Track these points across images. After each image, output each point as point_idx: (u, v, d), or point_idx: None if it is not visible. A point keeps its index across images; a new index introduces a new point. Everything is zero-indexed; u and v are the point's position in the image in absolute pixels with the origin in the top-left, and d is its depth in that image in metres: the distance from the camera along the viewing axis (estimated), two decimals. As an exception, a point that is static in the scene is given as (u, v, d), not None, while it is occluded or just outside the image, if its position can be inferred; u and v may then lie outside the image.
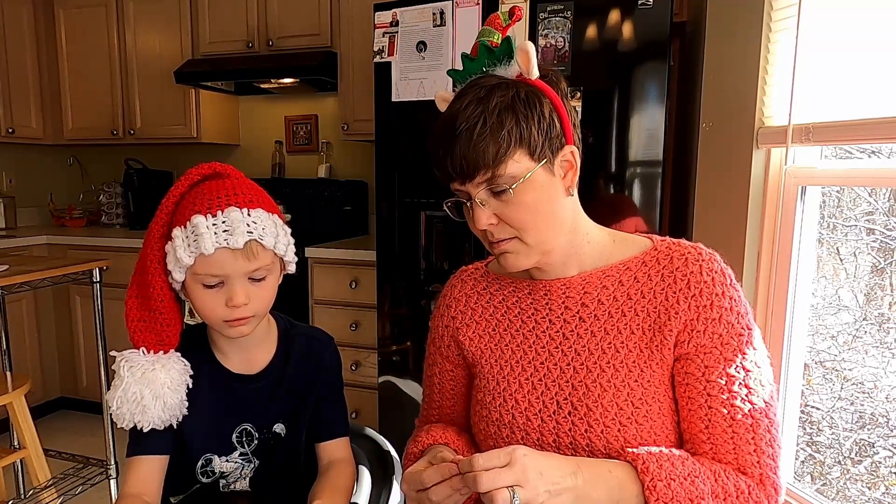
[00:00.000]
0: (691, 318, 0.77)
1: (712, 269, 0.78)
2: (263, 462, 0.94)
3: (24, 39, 3.14)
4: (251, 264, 0.82)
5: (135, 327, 0.85)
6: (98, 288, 2.09)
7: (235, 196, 0.83)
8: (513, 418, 0.84)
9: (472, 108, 0.74)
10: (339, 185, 3.04)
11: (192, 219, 0.80)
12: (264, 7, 2.77)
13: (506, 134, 0.73)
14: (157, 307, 0.84)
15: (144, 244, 0.85)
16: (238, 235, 0.80)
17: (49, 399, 3.11)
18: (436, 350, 0.98)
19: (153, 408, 0.83)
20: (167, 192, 0.85)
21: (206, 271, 0.81)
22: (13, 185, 3.43)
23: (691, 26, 1.97)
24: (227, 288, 0.83)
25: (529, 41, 0.77)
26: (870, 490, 1.55)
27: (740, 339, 0.77)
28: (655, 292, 0.79)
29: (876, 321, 1.59)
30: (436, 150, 0.78)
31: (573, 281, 0.84)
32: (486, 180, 0.75)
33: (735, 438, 0.76)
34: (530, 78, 0.77)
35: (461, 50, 1.91)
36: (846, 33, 1.34)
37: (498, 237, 0.79)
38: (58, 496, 2.10)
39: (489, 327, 0.90)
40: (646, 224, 1.80)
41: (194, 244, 0.80)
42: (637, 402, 0.78)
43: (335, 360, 1.00)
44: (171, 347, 0.87)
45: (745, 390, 0.76)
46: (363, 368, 2.46)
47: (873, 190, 1.56)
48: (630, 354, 0.79)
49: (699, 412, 0.77)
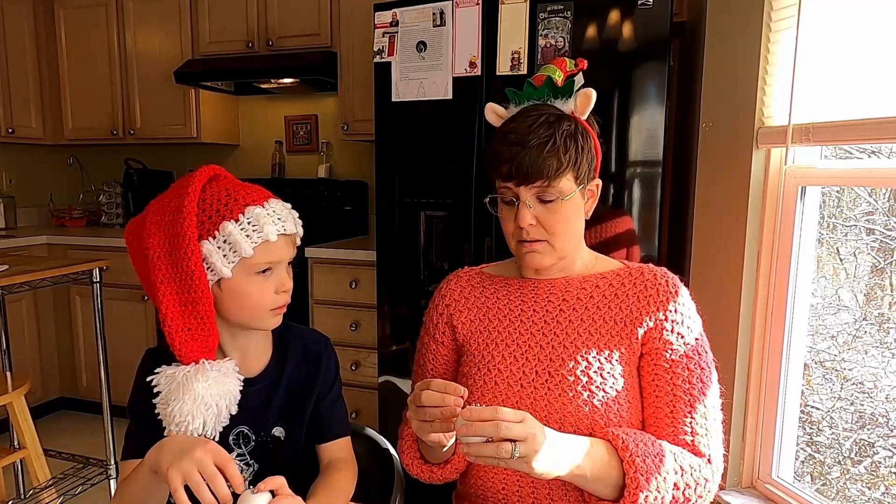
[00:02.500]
0: (660, 319, 0.92)
1: (675, 283, 0.96)
2: (263, 465, 0.94)
3: (24, 39, 3.14)
4: (294, 250, 0.90)
5: (182, 338, 0.83)
6: (98, 288, 2.09)
7: (258, 191, 0.88)
8: (495, 385, 0.95)
9: (544, 129, 0.89)
10: (339, 185, 3.04)
11: (247, 209, 0.83)
12: (264, 7, 2.77)
13: (567, 156, 0.90)
14: (206, 311, 0.83)
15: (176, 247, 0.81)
16: (290, 222, 0.87)
17: (49, 399, 3.11)
18: (430, 339, 1.08)
19: (225, 413, 0.85)
20: (178, 196, 0.83)
21: (264, 259, 0.84)
22: (13, 185, 3.43)
23: (691, 26, 1.97)
24: (276, 275, 0.87)
25: (592, 89, 0.95)
26: (870, 490, 1.55)
27: (697, 342, 0.93)
28: (628, 295, 0.95)
29: (876, 321, 1.59)
30: (499, 152, 0.91)
31: (557, 282, 0.99)
32: (541, 188, 0.90)
33: (692, 423, 0.91)
34: (581, 117, 0.95)
35: (461, 50, 1.91)
36: (846, 33, 1.34)
37: (532, 237, 0.93)
38: (58, 496, 2.10)
39: (480, 313, 1.02)
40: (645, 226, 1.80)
41: (256, 233, 0.82)
42: (606, 375, 0.91)
43: (333, 361, 1.00)
44: (215, 352, 0.86)
45: (700, 384, 0.92)
46: (363, 368, 2.46)
47: (873, 190, 1.56)
48: (602, 338, 0.93)
49: (665, 399, 0.91)
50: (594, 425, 0.89)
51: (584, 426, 0.89)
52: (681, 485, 0.86)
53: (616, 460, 0.84)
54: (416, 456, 0.99)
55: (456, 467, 0.96)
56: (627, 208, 1.81)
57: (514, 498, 0.93)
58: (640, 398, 0.94)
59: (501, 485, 0.93)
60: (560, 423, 0.89)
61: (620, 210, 1.81)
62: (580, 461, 0.81)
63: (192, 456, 0.70)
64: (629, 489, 0.82)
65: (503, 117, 0.98)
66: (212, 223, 0.83)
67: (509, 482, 0.93)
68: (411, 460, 0.98)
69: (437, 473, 0.96)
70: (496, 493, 0.94)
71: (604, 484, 0.84)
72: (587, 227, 0.99)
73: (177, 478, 0.69)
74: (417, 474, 0.98)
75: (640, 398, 0.94)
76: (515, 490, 0.92)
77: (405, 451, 1.00)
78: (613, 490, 0.84)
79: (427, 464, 0.98)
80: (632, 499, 0.81)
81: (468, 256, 2.01)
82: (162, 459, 0.72)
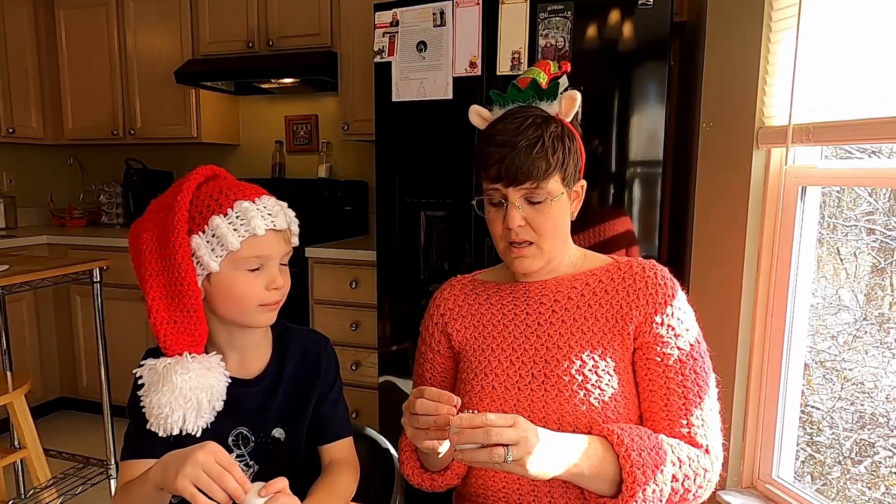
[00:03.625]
0: (650, 312, 0.93)
1: (665, 276, 0.96)
2: (264, 466, 0.94)
3: (24, 39, 3.14)
4: (287, 247, 0.88)
5: (167, 330, 0.83)
6: (98, 288, 2.09)
7: (252, 189, 0.87)
8: (493, 389, 0.95)
9: (532, 130, 0.90)
10: (339, 185, 3.04)
11: (236, 204, 0.83)
12: (264, 7, 2.77)
13: (555, 158, 0.90)
14: (192, 305, 0.83)
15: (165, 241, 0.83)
16: (280, 218, 0.86)
17: (49, 399, 3.11)
18: (427, 348, 1.08)
19: (207, 407, 0.84)
20: (173, 193, 0.84)
21: (252, 254, 0.84)
22: (13, 185, 3.43)
23: (691, 26, 1.97)
24: (267, 271, 0.86)
25: (577, 91, 0.95)
26: (870, 490, 1.55)
27: (689, 333, 0.94)
28: (618, 290, 0.96)
29: (876, 321, 1.59)
30: (488, 153, 0.92)
31: (548, 283, 1.00)
32: (529, 189, 0.91)
33: (687, 415, 0.91)
34: (565, 119, 0.95)
35: (461, 50, 1.91)
36: (846, 33, 1.34)
37: (521, 238, 0.93)
38: (58, 496, 2.10)
39: (474, 320, 1.03)
40: (645, 226, 1.80)
41: (244, 227, 0.82)
42: (601, 373, 0.91)
43: (332, 361, 1.00)
44: (202, 349, 0.86)
45: (693, 375, 0.92)
46: (363, 368, 2.46)
47: (873, 190, 1.56)
48: (595, 336, 0.94)
49: (659, 392, 0.92)
50: (592, 423, 0.89)
51: (583, 425, 0.89)
52: (679, 476, 0.86)
53: (612, 456, 0.84)
54: (417, 466, 0.99)
55: (457, 472, 0.96)
56: (628, 208, 1.81)
57: (515, 497, 0.93)
58: (637, 393, 0.95)
59: (501, 484, 0.93)
60: (559, 424, 0.90)
61: (621, 210, 1.81)
62: (576, 460, 0.81)
63: (195, 460, 0.70)
64: (627, 484, 0.82)
65: (487, 120, 0.99)
66: (202, 218, 0.83)
67: (509, 481, 0.93)
68: (412, 470, 0.98)
69: (438, 481, 0.96)
70: (496, 492, 0.94)
71: (601, 480, 0.84)
72: (588, 227, 1.00)
73: (188, 486, 0.69)
74: (419, 484, 0.98)
75: (636, 393, 0.94)
76: (515, 489, 0.92)
77: (405, 462, 1.00)
78: (612, 486, 0.85)
79: (427, 472, 0.98)
80: (630, 493, 0.82)
81: (468, 256, 2.01)
82: (167, 474, 0.72)
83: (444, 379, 1.07)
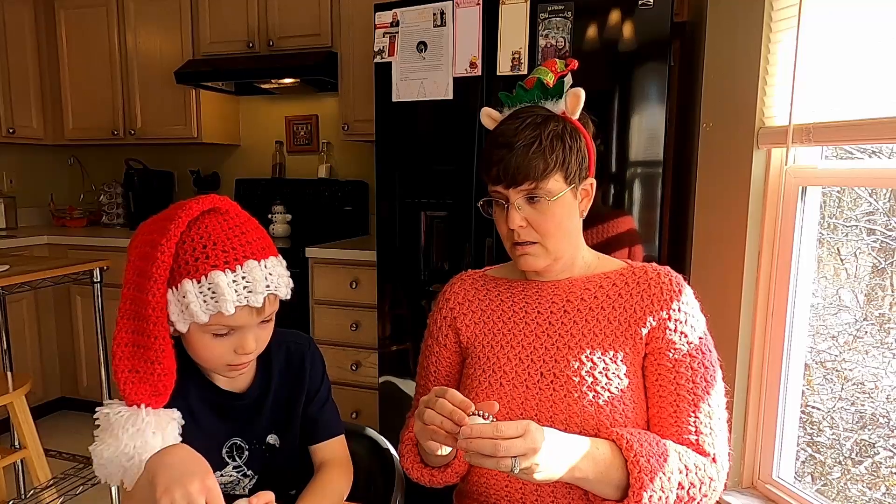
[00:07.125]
0: (663, 318, 0.92)
1: (679, 283, 0.96)
2: (262, 474, 0.93)
3: (24, 39, 3.14)
4: (264, 314, 0.81)
5: (126, 379, 0.78)
6: (98, 288, 2.09)
7: (249, 245, 0.78)
8: (500, 387, 0.95)
9: (530, 130, 0.90)
10: (339, 185, 3.04)
11: (210, 275, 0.75)
12: (264, 7, 2.77)
13: (554, 157, 0.90)
14: (157, 357, 0.77)
15: (142, 286, 0.76)
16: (258, 294, 0.77)
17: (49, 399, 3.11)
18: (433, 342, 1.07)
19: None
20: (162, 230, 0.76)
21: (221, 322, 0.77)
22: (14, 185, 3.43)
23: (691, 26, 1.97)
24: (238, 336, 0.80)
25: (581, 88, 0.95)
26: (870, 490, 1.55)
27: (701, 341, 0.94)
28: (632, 294, 0.95)
29: (876, 321, 1.59)
30: (489, 155, 0.92)
31: (561, 283, 0.99)
32: (528, 189, 0.91)
33: (696, 422, 0.91)
34: (572, 117, 0.95)
35: (461, 50, 1.91)
36: (847, 33, 1.34)
37: (524, 238, 0.93)
38: (58, 496, 2.10)
39: (484, 316, 1.02)
40: (645, 226, 1.80)
41: (213, 303, 0.75)
42: (610, 375, 0.91)
43: (317, 362, 0.98)
44: (165, 400, 0.79)
45: (704, 383, 0.92)
46: (363, 368, 2.46)
47: (874, 190, 1.56)
48: (606, 338, 0.93)
49: (668, 398, 0.92)
50: (599, 426, 0.89)
51: (590, 426, 0.89)
52: (685, 484, 0.85)
53: (620, 460, 0.83)
54: (417, 460, 0.98)
55: (456, 471, 0.95)
56: (628, 208, 1.81)
57: (517, 496, 0.93)
58: (645, 398, 0.94)
59: (504, 483, 0.93)
60: (565, 424, 0.89)
61: (621, 210, 1.81)
62: (582, 464, 0.81)
63: (186, 489, 0.65)
64: (633, 489, 0.82)
65: (497, 121, 0.99)
66: (179, 274, 0.76)
67: (511, 480, 0.93)
68: (411, 464, 0.98)
69: (437, 477, 0.96)
70: (498, 491, 0.94)
71: (607, 484, 0.84)
72: (588, 227, 1.00)
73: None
74: (418, 478, 0.98)
75: (644, 398, 0.94)
76: (518, 488, 0.92)
77: (405, 455, 1.00)
78: (617, 490, 0.84)
79: (427, 467, 0.97)
80: (636, 498, 0.81)
81: (468, 256, 2.01)
82: (158, 476, 0.68)
83: (449, 374, 1.07)
